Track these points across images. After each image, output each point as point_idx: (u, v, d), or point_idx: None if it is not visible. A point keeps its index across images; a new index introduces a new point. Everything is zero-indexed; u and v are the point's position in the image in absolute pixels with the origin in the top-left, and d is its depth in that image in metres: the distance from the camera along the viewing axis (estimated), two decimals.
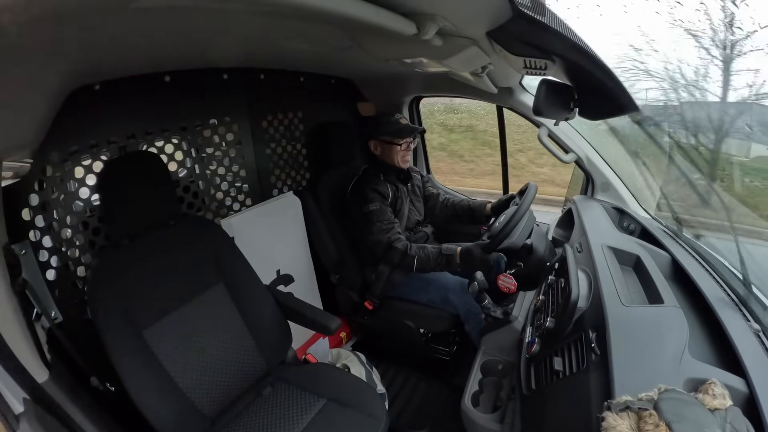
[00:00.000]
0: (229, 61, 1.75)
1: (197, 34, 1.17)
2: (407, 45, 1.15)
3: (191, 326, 1.37)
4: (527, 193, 1.81)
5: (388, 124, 2.08)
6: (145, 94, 1.52)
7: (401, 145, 2.07)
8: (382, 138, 2.08)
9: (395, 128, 2.08)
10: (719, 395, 0.72)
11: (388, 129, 2.07)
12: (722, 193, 1.60)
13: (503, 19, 0.92)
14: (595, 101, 1.29)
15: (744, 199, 1.65)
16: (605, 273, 1.22)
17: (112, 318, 1.19)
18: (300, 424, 1.32)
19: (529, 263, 1.75)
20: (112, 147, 1.46)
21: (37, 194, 1.28)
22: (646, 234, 1.63)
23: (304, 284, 2.29)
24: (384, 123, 2.09)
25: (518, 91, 2.07)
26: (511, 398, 1.36)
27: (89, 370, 1.21)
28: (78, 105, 1.28)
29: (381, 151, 2.11)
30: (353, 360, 1.97)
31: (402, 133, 2.07)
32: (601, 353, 0.94)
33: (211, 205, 1.88)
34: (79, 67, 1.12)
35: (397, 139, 2.06)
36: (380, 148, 2.11)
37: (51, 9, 0.50)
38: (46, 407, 0.94)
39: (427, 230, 2.26)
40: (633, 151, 2.09)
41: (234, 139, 1.95)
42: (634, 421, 0.67)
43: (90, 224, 1.42)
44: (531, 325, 1.43)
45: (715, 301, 1.07)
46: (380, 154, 2.12)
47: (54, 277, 1.32)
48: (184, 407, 1.27)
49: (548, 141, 1.94)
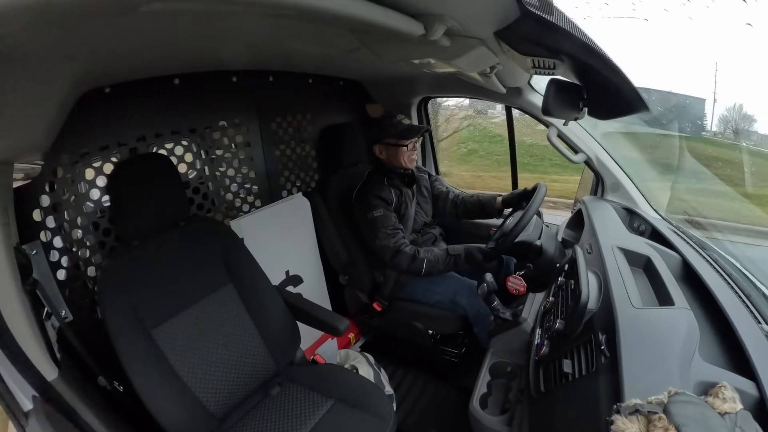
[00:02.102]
0: (237, 64, 1.76)
1: (206, 38, 1.18)
2: (415, 46, 1.15)
3: (200, 326, 1.38)
4: (536, 193, 1.80)
5: (392, 126, 2.06)
6: (154, 96, 1.53)
7: (407, 146, 2.06)
8: (387, 141, 2.06)
9: (399, 129, 2.05)
10: (729, 399, 0.71)
11: (392, 131, 2.05)
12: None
13: (511, 18, 0.92)
14: (604, 101, 1.29)
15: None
16: (615, 274, 1.21)
17: (122, 317, 1.20)
18: (308, 424, 1.32)
19: (539, 264, 1.73)
20: (122, 149, 1.48)
21: (48, 195, 1.30)
22: (656, 235, 1.61)
23: (313, 285, 2.30)
24: (387, 126, 2.07)
25: (527, 91, 2.05)
26: (519, 401, 1.35)
27: (98, 369, 1.22)
28: (88, 108, 1.30)
29: (387, 154, 2.09)
30: (361, 361, 1.97)
31: (407, 134, 2.05)
32: (610, 356, 0.93)
33: (221, 206, 1.89)
34: (89, 70, 1.14)
35: (403, 140, 2.04)
36: (385, 152, 2.09)
37: (63, 14, 0.50)
38: (55, 405, 0.95)
39: (435, 231, 2.25)
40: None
41: (243, 141, 1.96)
42: (643, 425, 0.66)
43: (100, 225, 1.44)
44: (540, 327, 1.41)
45: (726, 303, 1.06)
46: (386, 158, 2.10)
47: (65, 277, 1.34)
48: (192, 406, 1.27)
49: (557, 141, 1.92)
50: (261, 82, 1.97)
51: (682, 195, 2.01)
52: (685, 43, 2.55)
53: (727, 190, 1.97)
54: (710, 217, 1.90)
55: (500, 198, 2.17)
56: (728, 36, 2.04)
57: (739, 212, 1.93)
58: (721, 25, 1.71)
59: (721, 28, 1.74)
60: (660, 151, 2.40)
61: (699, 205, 2.00)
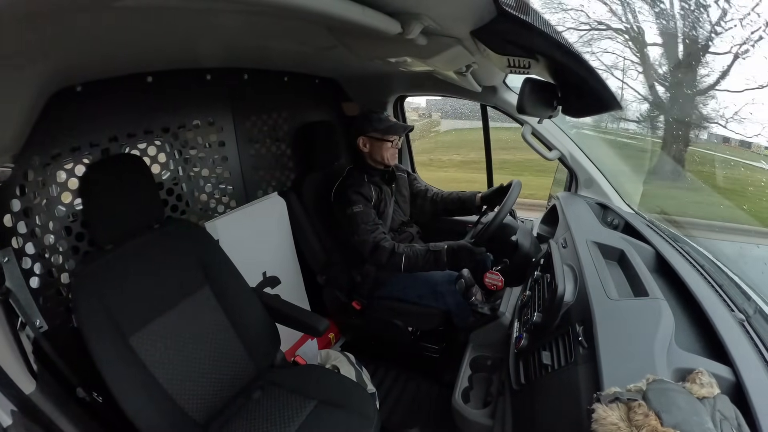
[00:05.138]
0: (212, 62, 1.73)
1: (180, 34, 1.15)
2: (392, 44, 1.15)
3: (178, 331, 1.35)
4: (512, 190, 1.83)
5: (379, 121, 2.07)
6: (127, 95, 1.49)
7: (392, 142, 2.07)
8: (372, 135, 2.07)
9: (386, 125, 2.06)
10: (707, 384, 0.73)
11: (379, 126, 2.06)
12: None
13: (487, 18, 0.93)
14: (578, 99, 1.31)
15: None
16: (590, 267, 1.24)
17: (98, 325, 1.16)
18: (291, 426, 1.31)
19: (515, 260, 1.77)
20: (94, 150, 1.43)
21: (19, 200, 1.25)
22: (629, 228, 1.65)
23: (291, 286, 2.27)
24: (375, 120, 2.07)
25: (502, 89, 2.09)
26: (501, 393, 1.37)
27: (76, 380, 1.18)
28: (59, 107, 1.25)
29: (370, 147, 2.09)
30: (342, 361, 1.96)
31: (393, 130, 2.06)
32: (588, 346, 0.96)
33: (195, 208, 1.85)
34: (60, 68, 1.10)
35: (388, 135, 2.05)
36: (369, 145, 2.09)
37: (36, 8, 0.49)
38: (34, 419, 0.92)
39: (412, 230, 2.26)
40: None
41: (217, 140, 1.93)
42: (623, 412, 0.68)
43: (73, 229, 1.39)
44: (518, 320, 1.44)
45: (700, 292, 1.09)
46: (369, 151, 2.10)
47: (38, 285, 1.29)
48: (174, 414, 1.25)
49: (532, 139, 1.96)
50: (236, 80, 1.94)
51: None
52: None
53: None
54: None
55: (479, 195, 2.21)
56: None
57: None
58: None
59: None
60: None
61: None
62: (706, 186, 2.25)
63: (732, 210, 1.90)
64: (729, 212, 1.91)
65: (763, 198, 1.79)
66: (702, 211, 2.07)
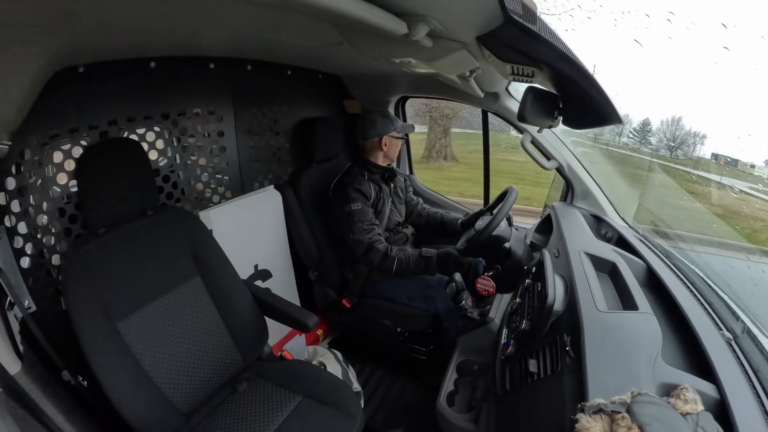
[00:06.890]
0: (216, 50, 1.72)
1: (185, 20, 1.15)
2: (397, 44, 1.15)
3: (167, 319, 1.35)
4: (507, 197, 1.84)
5: (396, 121, 2.17)
6: (129, 79, 1.48)
7: (403, 140, 2.22)
8: (392, 134, 2.14)
9: (401, 123, 2.19)
10: (691, 400, 0.74)
11: (397, 125, 2.15)
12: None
13: (494, 24, 0.93)
14: (579, 111, 1.32)
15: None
16: (581, 278, 1.24)
17: (86, 309, 1.15)
18: (275, 420, 1.30)
19: (507, 266, 1.77)
20: (92, 132, 1.42)
21: (14, 178, 1.24)
22: (622, 242, 1.66)
23: (282, 280, 2.27)
24: (394, 119, 2.16)
25: (504, 96, 2.09)
26: (486, 399, 1.38)
27: (62, 363, 1.17)
28: (61, 87, 1.24)
29: (389, 146, 2.16)
30: (329, 357, 1.96)
31: (407, 128, 2.23)
32: (575, 356, 0.96)
33: (190, 196, 1.84)
34: (64, 47, 1.09)
35: (404, 133, 2.20)
36: (389, 144, 2.15)
37: None
38: (18, 400, 0.91)
39: (407, 231, 2.28)
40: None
41: (217, 130, 1.92)
42: (607, 424, 0.68)
43: (66, 211, 1.38)
44: (507, 327, 1.44)
45: (689, 309, 1.10)
46: (387, 150, 2.16)
47: (28, 265, 1.27)
48: (158, 402, 1.24)
49: (531, 147, 1.97)
50: (239, 70, 1.93)
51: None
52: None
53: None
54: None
55: (460, 221, 2.27)
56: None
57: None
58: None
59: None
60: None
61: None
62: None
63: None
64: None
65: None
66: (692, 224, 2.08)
